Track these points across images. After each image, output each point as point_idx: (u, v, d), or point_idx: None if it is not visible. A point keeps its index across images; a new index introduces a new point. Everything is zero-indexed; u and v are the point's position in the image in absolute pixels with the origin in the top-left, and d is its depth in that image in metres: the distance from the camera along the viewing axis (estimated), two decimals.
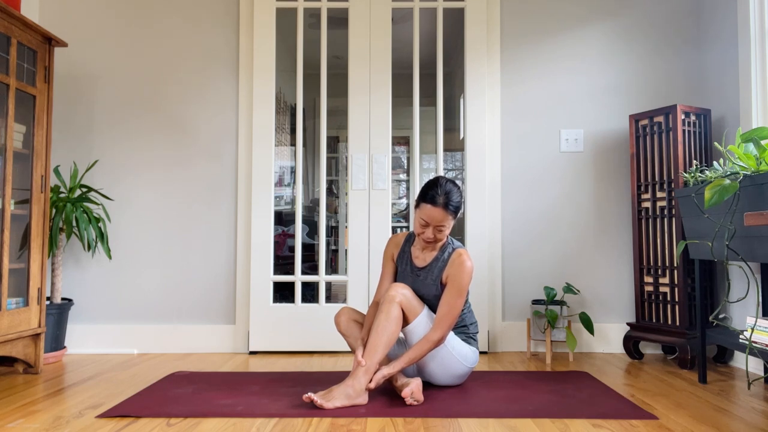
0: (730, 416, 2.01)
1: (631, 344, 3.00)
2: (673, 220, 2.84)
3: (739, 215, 2.14)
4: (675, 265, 2.83)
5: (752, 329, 2.11)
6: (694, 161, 2.79)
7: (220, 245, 3.19)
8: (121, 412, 2.01)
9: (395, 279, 2.45)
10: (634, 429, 1.85)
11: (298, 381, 2.47)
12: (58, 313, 2.89)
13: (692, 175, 2.45)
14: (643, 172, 3.00)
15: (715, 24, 3.08)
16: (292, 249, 4.44)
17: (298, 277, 3.20)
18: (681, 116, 2.83)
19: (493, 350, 3.18)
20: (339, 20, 4.02)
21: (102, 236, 3.00)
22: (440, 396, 2.23)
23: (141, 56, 3.24)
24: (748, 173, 2.09)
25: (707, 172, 2.36)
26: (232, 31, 3.25)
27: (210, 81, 3.23)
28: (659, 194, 2.91)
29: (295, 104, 3.39)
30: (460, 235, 3.72)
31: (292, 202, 4.94)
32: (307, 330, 3.13)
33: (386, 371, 2.11)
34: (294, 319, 3.14)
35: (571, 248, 3.21)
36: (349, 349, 3.15)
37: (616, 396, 2.22)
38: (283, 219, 4.61)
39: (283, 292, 3.60)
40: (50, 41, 2.73)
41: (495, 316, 3.18)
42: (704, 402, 2.18)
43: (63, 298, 3.06)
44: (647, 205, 2.97)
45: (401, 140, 6.22)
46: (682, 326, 2.79)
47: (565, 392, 2.29)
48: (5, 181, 2.49)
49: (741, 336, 2.26)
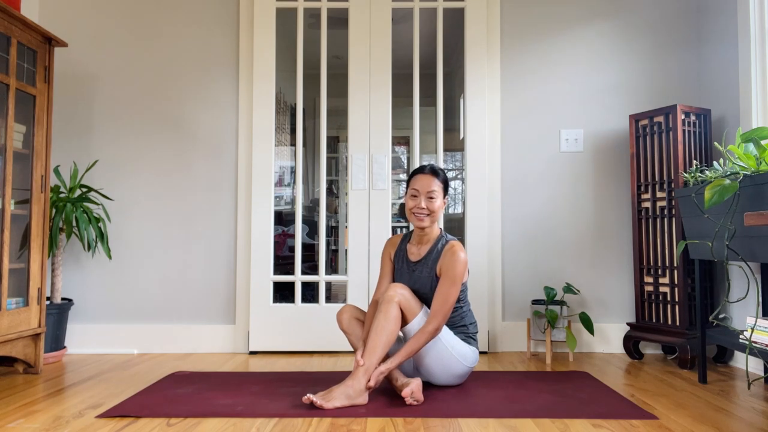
0: (730, 416, 2.01)
1: (631, 344, 3.00)
2: (673, 220, 2.84)
3: (739, 215, 2.13)
4: (675, 265, 2.83)
5: (752, 329, 2.11)
6: (694, 161, 2.79)
7: (220, 245, 3.19)
8: (121, 412, 2.01)
9: (393, 278, 2.47)
10: (634, 429, 1.85)
11: (298, 381, 2.47)
12: (58, 313, 2.90)
13: (692, 175, 2.45)
14: (643, 172, 3.00)
15: (715, 24, 3.08)
16: (292, 249, 4.44)
17: (298, 277, 3.20)
18: (681, 116, 2.83)
19: (493, 350, 3.18)
20: (339, 20, 4.02)
21: (102, 236, 3.00)
22: (440, 396, 2.23)
23: (141, 56, 3.24)
24: (748, 173, 2.09)
25: (707, 172, 2.36)
26: (232, 30, 3.25)
27: (210, 80, 3.23)
28: (659, 194, 2.91)
29: (295, 104, 3.39)
30: (460, 235, 3.72)
31: (292, 202, 4.94)
32: (307, 330, 3.14)
33: (383, 368, 2.12)
34: (294, 319, 3.14)
35: (571, 248, 3.21)
36: (349, 349, 3.15)
37: (616, 396, 2.23)
38: (283, 219, 4.61)
39: (283, 292, 3.59)
40: (50, 41, 2.73)
41: (495, 316, 3.18)
42: (704, 402, 2.18)
43: (63, 298, 3.06)
44: (647, 205, 2.97)
45: (401, 140, 6.22)
46: (682, 326, 2.79)
47: (565, 392, 2.29)
48: (5, 181, 2.49)
49: (741, 336, 2.26)
